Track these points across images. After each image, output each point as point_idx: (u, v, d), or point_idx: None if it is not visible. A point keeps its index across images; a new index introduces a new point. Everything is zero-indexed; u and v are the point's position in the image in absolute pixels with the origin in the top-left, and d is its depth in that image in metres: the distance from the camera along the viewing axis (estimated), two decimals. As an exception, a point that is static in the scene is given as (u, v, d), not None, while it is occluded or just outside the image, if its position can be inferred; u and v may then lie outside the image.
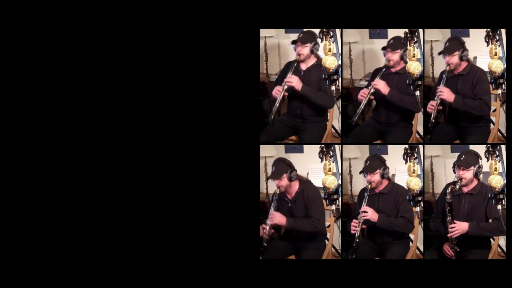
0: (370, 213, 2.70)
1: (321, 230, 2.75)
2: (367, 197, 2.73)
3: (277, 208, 2.74)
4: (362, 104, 2.79)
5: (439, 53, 2.76)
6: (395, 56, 2.82)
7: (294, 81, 2.80)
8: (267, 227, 2.72)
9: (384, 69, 2.82)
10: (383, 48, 2.82)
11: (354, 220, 2.73)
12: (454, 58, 2.73)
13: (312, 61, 2.90)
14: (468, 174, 2.65)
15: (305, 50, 2.85)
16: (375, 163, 2.74)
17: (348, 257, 2.73)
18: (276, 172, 2.74)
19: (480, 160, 2.66)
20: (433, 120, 2.74)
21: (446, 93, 2.72)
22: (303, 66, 2.90)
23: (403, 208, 2.73)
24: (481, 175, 2.72)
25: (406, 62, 2.84)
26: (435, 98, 2.75)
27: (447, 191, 2.66)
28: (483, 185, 2.70)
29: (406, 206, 2.74)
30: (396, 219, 2.72)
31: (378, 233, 2.76)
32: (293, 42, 2.86)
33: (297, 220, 2.75)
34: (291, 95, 2.85)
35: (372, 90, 2.79)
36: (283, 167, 2.74)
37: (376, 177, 2.74)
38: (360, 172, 2.77)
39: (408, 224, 2.73)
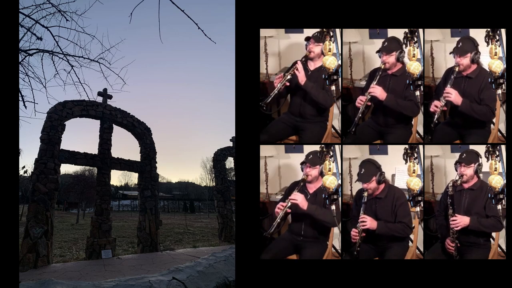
0: (368, 222, 2.76)
1: (336, 224, 2.80)
2: (363, 205, 2.77)
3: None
4: (359, 112, 2.82)
5: (450, 53, 2.79)
6: (390, 59, 2.84)
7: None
8: (287, 204, 2.77)
9: (380, 72, 2.85)
10: (378, 51, 2.84)
11: (353, 230, 2.77)
12: (466, 60, 2.78)
13: (320, 62, 2.92)
14: (469, 171, 2.75)
15: (317, 48, 2.88)
16: (370, 170, 2.78)
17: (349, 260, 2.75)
18: (312, 161, 2.78)
19: (480, 159, 2.74)
20: (436, 121, 2.77)
21: (454, 96, 2.76)
22: (311, 66, 2.92)
23: (400, 213, 2.78)
24: (481, 174, 2.77)
25: (403, 63, 2.85)
26: (440, 99, 2.78)
27: (449, 185, 2.75)
28: (483, 182, 2.76)
29: (403, 211, 2.78)
30: (394, 224, 2.77)
31: (378, 239, 2.78)
32: (307, 38, 2.87)
33: (317, 208, 2.81)
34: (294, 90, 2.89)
35: (369, 97, 2.83)
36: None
37: (372, 184, 2.79)
38: (356, 181, 2.81)
39: (406, 229, 2.77)
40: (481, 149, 2.75)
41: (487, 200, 2.71)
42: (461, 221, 2.69)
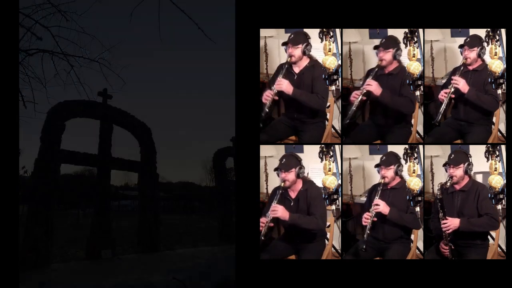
0: (382, 206, 2.76)
1: (323, 227, 2.78)
2: (379, 191, 2.79)
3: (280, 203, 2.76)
4: (354, 106, 2.82)
5: (460, 46, 2.80)
6: (387, 56, 2.83)
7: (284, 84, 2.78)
8: (268, 219, 2.75)
9: (376, 69, 2.83)
10: (375, 47, 2.81)
11: (366, 213, 2.78)
12: (473, 54, 2.79)
13: (304, 62, 2.90)
14: (458, 171, 2.73)
15: (297, 51, 2.86)
16: (391, 159, 2.80)
17: (360, 248, 2.76)
18: (286, 165, 2.77)
19: (469, 158, 2.73)
20: (444, 106, 2.78)
21: (462, 84, 2.78)
22: (296, 69, 2.91)
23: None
24: (478, 175, 2.76)
25: (399, 62, 2.85)
26: (449, 87, 2.80)
27: (437, 188, 2.75)
28: (475, 182, 2.76)
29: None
30: (406, 214, 2.78)
31: (385, 226, 2.78)
32: (284, 43, 2.87)
33: (300, 216, 2.79)
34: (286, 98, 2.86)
35: (364, 91, 2.83)
36: (293, 161, 2.78)
37: (390, 172, 2.79)
38: (376, 166, 2.81)
39: (417, 221, 2.78)
40: (481, 149, 2.74)
41: (478, 200, 2.70)
42: (451, 223, 2.68)
